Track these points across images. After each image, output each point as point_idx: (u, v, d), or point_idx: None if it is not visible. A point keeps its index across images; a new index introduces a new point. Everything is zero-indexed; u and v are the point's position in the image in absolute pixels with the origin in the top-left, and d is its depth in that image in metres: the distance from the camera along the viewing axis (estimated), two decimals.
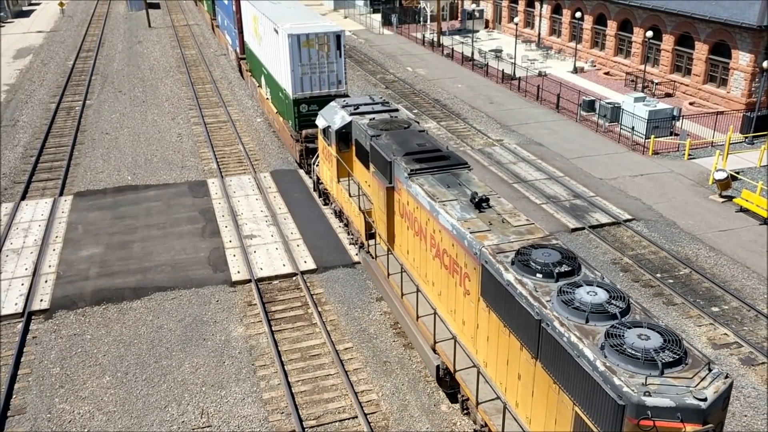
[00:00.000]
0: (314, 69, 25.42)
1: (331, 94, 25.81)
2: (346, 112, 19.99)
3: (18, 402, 15.16)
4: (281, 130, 29.30)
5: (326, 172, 22.36)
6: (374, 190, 17.80)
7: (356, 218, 19.70)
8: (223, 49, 50.29)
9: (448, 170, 15.71)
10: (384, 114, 19.57)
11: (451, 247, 13.62)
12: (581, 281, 11.03)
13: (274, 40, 27.35)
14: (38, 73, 44.69)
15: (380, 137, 17.52)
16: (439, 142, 17.37)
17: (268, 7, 30.54)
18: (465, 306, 13.47)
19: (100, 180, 27.14)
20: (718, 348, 16.84)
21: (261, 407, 14.96)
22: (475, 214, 13.58)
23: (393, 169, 16.30)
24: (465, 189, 14.74)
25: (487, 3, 59.21)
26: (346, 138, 19.90)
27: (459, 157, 16.37)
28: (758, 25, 32.08)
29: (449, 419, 14.62)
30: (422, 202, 14.72)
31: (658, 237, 22.33)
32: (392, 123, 18.57)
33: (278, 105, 29.16)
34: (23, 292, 19.16)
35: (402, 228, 16.60)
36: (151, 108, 36.71)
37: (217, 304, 18.79)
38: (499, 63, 44.86)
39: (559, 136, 31.96)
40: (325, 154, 21.95)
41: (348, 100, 21.12)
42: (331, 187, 22.28)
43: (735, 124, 31.31)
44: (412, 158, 16.04)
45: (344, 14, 66.74)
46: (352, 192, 19.82)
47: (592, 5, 44.68)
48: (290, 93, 25.70)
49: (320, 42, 25.04)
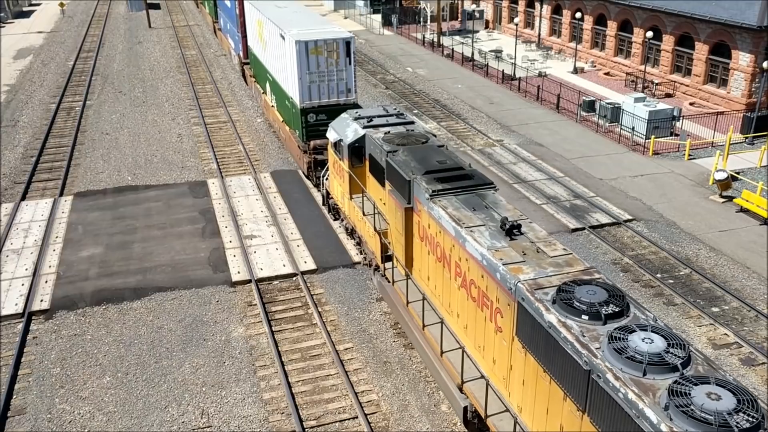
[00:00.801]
0: (323, 77, 24.37)
1: (340, 103, 24.79)
2: (359, 125, 18.85)
3: (18, 402, 15.16)
4: (287, 140, 28.15)
5: (337, 187, 21.17)
6: (390, 210, 16.75)
7: (371, 239, 18.59)
8: (223, 49, 50.29)
9: (473, 191, 14.65)
10: (399, 127, 18.55)
11: (480, 279, 12.55)
12: (633, 324, 9.90)
13: (280, 46, 26.37)
14: (38, 73, 44.70)
15: (397, 153, 16.49)
16: (460, 159, 16.37)
17: (274, 11, 29.54)
18: (496, 344, 12.36)
19: (100, 180, 27.15)
20: (718, 348, 16.84)
21: (261, 407, 14.96)
22: (507, 242, 12.51)
23: (412, 189, 15.31)
24: (493, 212, 13.72)
25: (487, 3, 59.23)
26: (359, 152, 18.78)
27: (483, 176, 15.29)
28: (758, 26, 32.09)
29: (449, 419, 14.62)
30: (446, 226, 13.72)
31: (658, 237, 22.33)
32: (409, 137, 17.49)
33: (284, 113, 28.09)
34: (23, 292, 19.16)
35: (422, 252, 15.52)
36: (152, 108, 36.72)
37: (218, 304, 18.79)
38: (499, 63, 44.87)
39: (559, 136, 31.96)
40: (336, 169, 20.74)
41: (360, 112, 20.11)
42: (342, 204, 21.10)
43: (735, 125, 31.31)
44: (433, 177, 15.02)
45: (344, 15, 66.76)
46: (367, 210, 18.70)
47: (592, 6, 44.69)
48: (297, 102, 24.69)
49: (329, 49, 23.99)
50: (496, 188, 14.98)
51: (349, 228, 21.21)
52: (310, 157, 25.05)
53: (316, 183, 25.10)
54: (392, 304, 17.08)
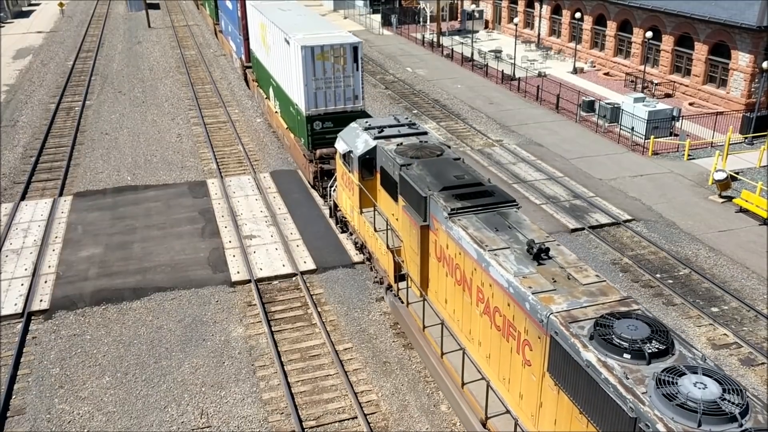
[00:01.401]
0: (329, 83, 23.49)
1: (347, 110, 24.05)
2: (370, 136, 18.01)
3: (18, 402, 15.15)
4: (292, 148, 27.29)
5: (346, 200, 20.28)
6: (404, 227, 15.91)
7: (383, 257, 17.67)
8: (223, 50, 50.28)
9: (494, 209, 13.84)
10: (412, 138, 17.73)
11: (506, 307, 11.75)
12: (680, 365, 9.02)
13: (284, 51, 25.55)
14: (38, 73, 44.69)
15: (411, 167, 15.69)
16: (477, 173, 15.58)
17: (278, 14, 28.62)
18: (524, 378, 11.50)
19: (99, 180, 27.14)
20: (717, 348, 16.85)
21: (261, 407, 14.96)
22: (534, 267, 11.70)
23: (428, 206, 14.51)
24: (517, 233, 12.92)
25: (486, 3, 59.23)
26: (370, 165, 17.89)
27: (504, 193, 14.53)
28: (757, 26, 32.10)
29: (449, 419, 14.62)
30: (467, 248, 12.93)
31: (657, 237, 22.34)
32: (423, 149, 16.67)
33: (289, 120, 27.36)
34: (23, 292, 19.15)
35: (439, 273, 14.70)
36: (151, 108, 36.72)
37: (217, 304, 18.79)
38: (498, 63, 44.88)
39: (558, 136, 31.97)
40: (344, 181, 19.83)
41: (370, 121, 19.33)
42: (351, 218, 20.19)
43: (734, 125, 31.32)
44: (451, 194, 14.23)
45: (344, 15, 66.76)
46: (379, 226, 17.86)
47: (592, 6, 44.70)
48: (303, 109, 23.90)
49: (335, 54, 23.12)
50: (519, 206, 14.21)
51: (358, 243, 20.27)
52: (316, 166, 24.15)
53: (323, 194, 24.35)
54: (406, 327, 16.40)
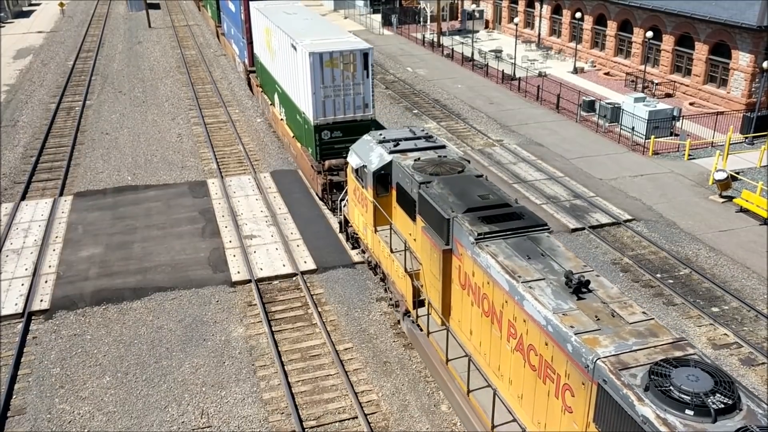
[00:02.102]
0: (338, 91, 22.59)
1: (357, 119, 23.21)
2: (385, 150, 17.04)
3: (18, 402, 15.16)
4: (299, 158, 26.27)
5: (358, 216, 19.27)
6: (424, 249, 14.87)
7: (400, 280, 16.65)
8: (225, 52, 50.27)
9: (524, 233, 12.84)
10: (429, 152, 16.74)
11: (542, 346, 10.76)
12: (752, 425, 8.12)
13: (291, 57, 24.55)
14: (38, 73, 44.70)
15: (431, 185, 14.76)
16: (503, 192, 14.68)
17: (283, 18, 27.63)
18: (564, 425, 10.60)
19: (100, 180, 27.15)
20: (718, 348, 16.85)
21: (261, 407, 14.96)
22: (574, 302, 10.72)
23: (451, 229, 13.52)
24: (551, 262, 11.93)
25: (487, 3, 59.23)
26: (385, 181, 16.94)
27: (533, 215, 13.52)
28: (758, 26, 32.09)
29: (449, 419, 14.62)
30: (496, 278, 11.94)
31: (658, 237, 22.34)
32: (442, 165, 15.75)
33: (295, 129, 26.42)
34: (23, 292, 19.16)
35: (463, 302, 13.70)
36: (151, 108, 36.72)
37: (217, 304, 18.79)
38: (499, 63, 44.87)
39: (559, 136, 31.96)
40: (357, 196, 18.85)
41: (384, 134, 18.32)
42: (364, 236, 19.12)
43: (735, 125, 31.32)
44: (477, 216, 13.28)
45: (344, 15, 66.77)
46: (395, 247, 16.79)
47: (592, 6, 44.69)
48: (311, 118, 22.99)
49: (345, 61, 22.18)
50: (551, 230, 13.31)
51: (372, 263, 19.23)
52: (324, 178, 23.20)
53: (332, 207, 23.41)
54: (426, 358, 15.37)
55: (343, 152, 22.64)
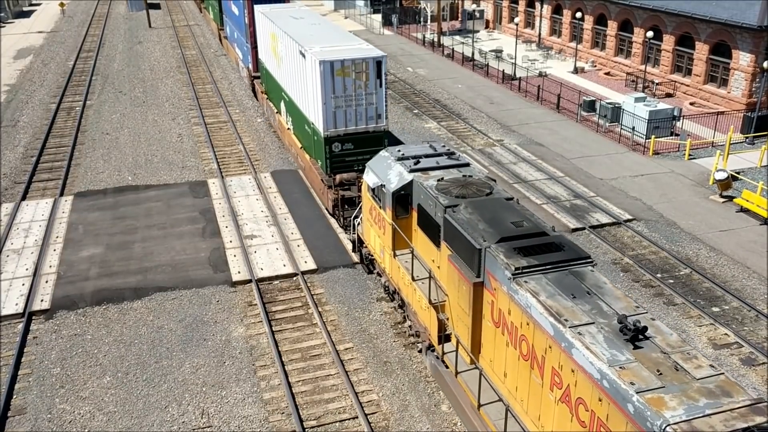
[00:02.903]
0: (349, 101, 21.50)
1: (370, 130, 22.14)
2: (404, 168, 15.94)
3: (18, 402, 15.17)
4: (308, 170, 25.03)
5: (374, 237, 18.06)
6: (451, 280, 13.65)
7: (423, 312, 15.41)
8: (224, 51, 50.27)
9: (566, 267, 11.66)
10: (452, 170, 15.69)
11: (596, 402, 9.59)
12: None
13: (299, 65, 23.45)
14: (39, 73, 44.71)
15: (458, 209, 13.64)
16: (537, 217, 13.55)
17: (290, 24, 26.52)
18: None
19: (100, 180, 27.16)
20: (718, 348, 16.84)
21: (261, 407, 14.97)
22: (631, 352, 9.53)
23: (483, 260, 12.37)
24: (599, 302, 10.72)
25: (487, 3, 59.22)
26: (405, 201, 15.83)
27: (574, 245, 12.32)
28: (758, 26, 32.08)
29: (450, 419, 14.62)
30: (538, 319, 10.79)
31: (658, 237, 22.33)
32: (468, 186, 14.62)
33: (303, 140, 25.29)
34: (24, 292, 19.17)
35: (496, 341, 12.49)
36: (152, 108, 36.73)
37: (218, 304, 18.80)
38: (499, 63, 44.87)
39: (559, 136, 31.96)
40: (373, 216, 17.70)
41: (403, 150, 17.16)
42: (381, 259, 17.89)
43: (735, 125, 31.31)
44: (512, 247, 12.09)
45: (344, 14, 66.77)
46: (417, 274, 15.61)
47: (593, 5, 44.68)
48: (321, 130, 21.89)
49: (357, 70, 21.15)
50: (594, 263, 12.03)
51: (390, 288, 18.01)
52: (336, 193, 21.90)
53: (344, 225, 22.08)
54: (454, 401, 14.08)
55: (355, 165, 22.25)
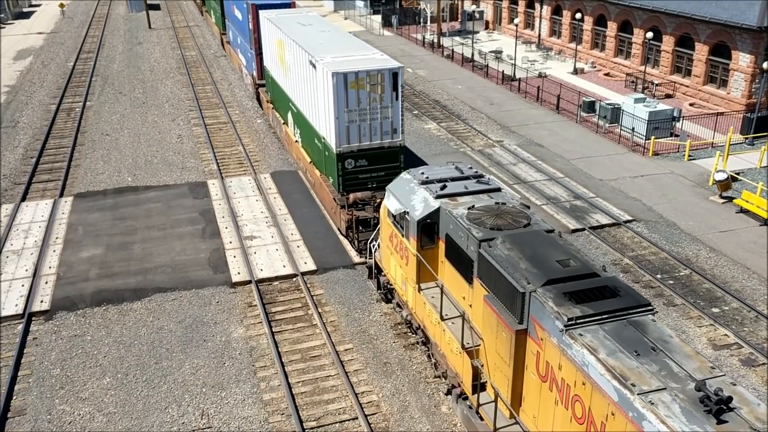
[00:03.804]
0: (363, 115, 20.31)
1: (385, 146, 20.95)
2: (430, 193, 14.76)
3: (18, 403, 15.16)
4: (318, 187, 23.68)
5: (395, 268, 16.75)
6: (487, 324, 12.29)
7: (453, 356, 13.98)
8: (226, 53, 50.29)
9: (624, 315, 10.32)
10: (483, 196, 14.52)
11: None
12: None
13: (308, 75, 22.35)
14: (38, 74, 44.71)
15: (494, 243, 12.39)
16: (582, 254, 12.16)
17: (298, 30, 25.27)
18: None
19: (100, 181, 27.15)
20: (718, 349, 16.84)
21: (261, 408, 14.96)
22: (714, 427, 8.19)
23: (527, 306, 11.06)
24: (667, 361, 9.41)
25: (487, 4, 59.25)
26: (432, 230, 14.57)
27: (631, 289, 10.93)
28: (758, 26, 32.09)
29: (450, 420, 14.62)
30: (599, 381, 9.49)
31: (658, 238, 22.33)
32: (503, 215, 13.38)
33: (313, 154, 24.05)
34: (23, 293, 19.16)
35: (542, 396, 11.10)
36: (152, 109, 36.73)
37: (218, 305, 18.79)
38: (499, 64, 44.88)
39: (559, 137, 31.97)
40: (393, 244, 16.44)
41: (426, 172, 15.94)
42: (403, 292, 16.56)
43: (735, 125, 31.31)
44: (561, 292, 10.76)
45: (344, 15, 66.79)
46: (447, 312, 14.10)
47: (592, 6, 44.70)
48: (333, 145, 20.69)
49: (372, 82, 19.95)
50: (655, 310, 10.69)
51: (414, 325, 16.60)
52: (349, 214, 20.50)
53: (359, 248, 20.73)
54: None
55: (369, 183, 21.32)
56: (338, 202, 21.14)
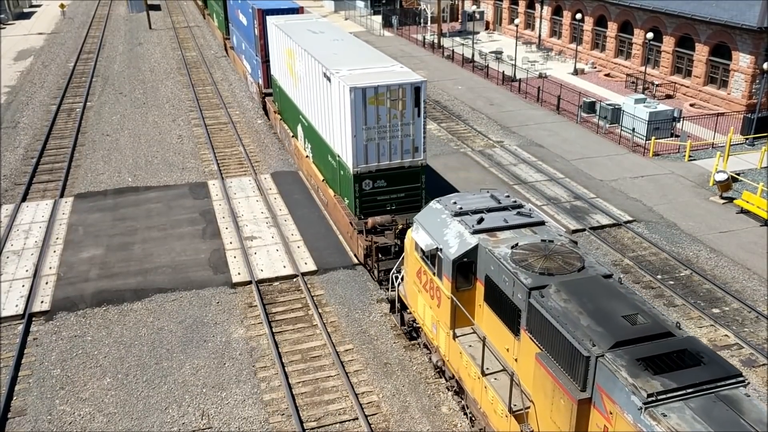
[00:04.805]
0: (383, 133, 19.01)
1: (405, 165, 19.66)
2: (465, 228, 13.33)
3: (18, 404, 15.16)
4: (331, 207, 22.18)
5: (423, 306, 15.14)
6: (539, 385, 10.86)
7: (498, 418, 12.35)
8: (224, 51, 50.30)
9: (712, 388, 8.94)
10: (525, 231, 13.13)
11: None
12: None
13: (322, 88, 21.04)
14: (39, 74, 44.73)
15: (546, 292, 10.94)
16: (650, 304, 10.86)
17: (310, 39, 23.98)
18: None
19: (100, 182, 27.16)
20: (718, 350, 16.83)
21: (261, 409, 14.96)
22: None
23: (593, 372, 9.66)
24: None
25: (487, 5, 59.26)
26: (469, 270, 13.15)
27: (713, 353, 9.61)
28: (758, 27, 32.09)
29: (450, 421, 14.62)
30: None
31: (658, 238, 22.33)
32: (553, 257, 11.90)
33: (326, 171, 22.65)
34: (24, 293, 19.16)
35: None
36: (152, 110, 36.74)
37: (218, 305, 18.80)
38: (499, 65, 44.89)
39: (559, 137, 31.97)
40: (422, 282, 14.87)
41: (459, 202, 14.47)
42: (434, 336, 14.87)
43: (735, 126, 31.31)
44: (634, 357, 9.35)
45: (345, 16, 66.81)
46: (488, 363, 12.61)
47: (593, 7, 44.71)
48: (349, 165, 19.41)
49: (392, 97, 18.67)
50: (746, 381, 9.24)
51: (447, 374, 14.92)
52: (368, 240, 18.96)
53: (380, 280, 19.16)
54: None
55: (388, 205, 20.07)
56: (355, 226, 19.62)
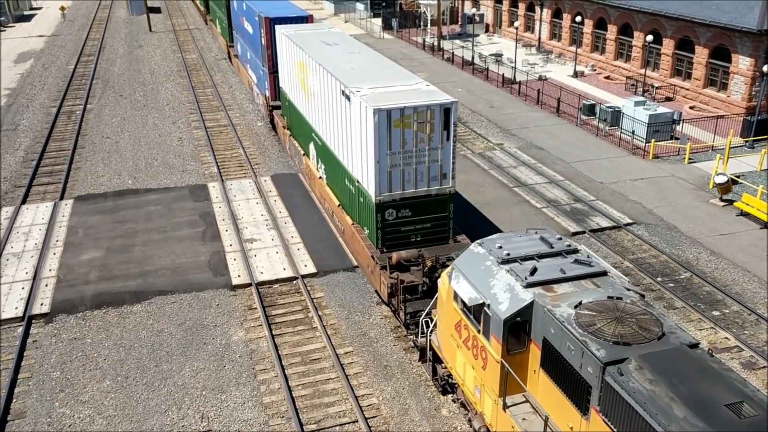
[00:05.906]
0: (408, 159, 17.20)
1: (432, 193, 17.83)
2: (516, 279, 11.73)
3: (18, 406, 15.15)
4: (348, 236, 20.34)
5: (464, 366, 13.45)
6: None
7: None
8: (224, 53, 50.33)
9: None
10: (586, 284, 11.52)
11: None
12: None
13: (339, 107, 19.25)
14: (39, 77, 44.76)
15: (625, 369, 9.43)
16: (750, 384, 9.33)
17: (324, 52, 22.08)
18: None
19: (100, 184, 27.17)
20: (718, 352, 16.82)
21: (261, 411, 14.95)
22: None
23: None
24: None
25: (487, 7, 59.32)
26: (521, 329, 11.50)
27: None
28: (758, 29, 32.12)
29: (450, 423, 14.60)
30: None
31: (658, 241, 22.33)
32: (626, 321, 10.28)
33: (343, 197, 20.75)
34: (23, 296, 19.16)
35: None
36: (152, 112, 36.76)
37: (218, 308, 18.79)
38: (499, 67, 44.92)
39: (559, 140, 31.98)
40: (462, 337, 13.22)
41: (505, 245, 12.84)
42: (477, 401, 13.15)
43: (735, 128, 31.32)
44: None
45: (344, 18, 66.86)
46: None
47: (593, 9, 44.75)
48: (371, 193, 17.53)
49: (420, 120, 16.88)
50: None
51: None
52: (393, 278, 16.87)
53: (406, 323, 16.84)
54: None
55: (412, 236, 18.16)
56: (378, 260, 17.55)
